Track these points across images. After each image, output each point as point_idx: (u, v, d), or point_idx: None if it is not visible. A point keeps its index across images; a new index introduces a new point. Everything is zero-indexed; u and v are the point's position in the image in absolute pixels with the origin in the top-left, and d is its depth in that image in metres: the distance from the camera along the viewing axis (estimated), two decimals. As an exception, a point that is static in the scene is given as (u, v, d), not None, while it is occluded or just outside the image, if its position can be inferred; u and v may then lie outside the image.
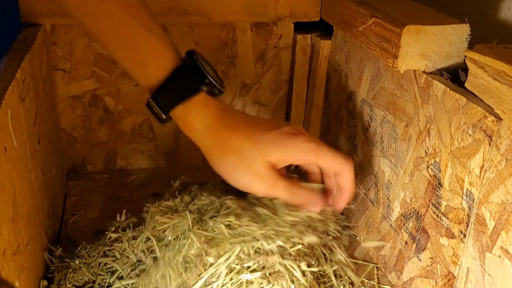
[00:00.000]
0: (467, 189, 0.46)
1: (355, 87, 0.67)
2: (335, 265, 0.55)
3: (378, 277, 0.60)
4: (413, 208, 0.55)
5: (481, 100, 0.44)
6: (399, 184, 0.57)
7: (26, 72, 0.53)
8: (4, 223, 0.41)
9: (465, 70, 0.46)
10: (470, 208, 0.46)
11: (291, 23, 0.77)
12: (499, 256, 0.43)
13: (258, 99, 0.82)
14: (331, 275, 0.53)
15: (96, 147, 0.78)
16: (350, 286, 0.56)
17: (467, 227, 0.47)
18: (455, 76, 0.52)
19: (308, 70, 0.80)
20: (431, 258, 0.52)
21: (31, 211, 0.51)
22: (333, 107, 0.75)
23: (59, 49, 0.71)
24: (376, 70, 0.61)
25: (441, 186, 0.50)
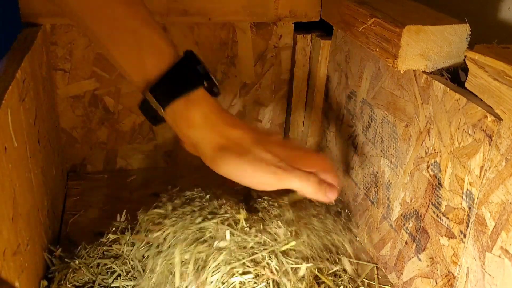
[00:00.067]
0: (467, 189, 0.46)
1: (355, 87, 0.67)
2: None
3: (378, 277, 0.60)
4: (413, 208, 0.55)
5: (481, 100, 0.44)
6: (399, 184, 0.57)
7: (26, 72, 0.53)
8: (4, 223, 0.41)
9: (465, 70, 0.46)
10: (470, 208, 0.46)
11: (291, 23, 0.77)
12: (499, 256, 0.43)
13: (258, 99, 0.81)
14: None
15: (96, 147, 0.78)
16: (350, 286, 0.56)
17: (467, 227, 0.47)
18: (455, 76, 0.52)
19: (308, 70, 0.80)
20: (431, 258, 0.52)
21: (31, 211, 0.51)
22: (333, 107, 0.75)
23: (59, 49, 0.71)
24: (376, 70, 0.61)
25: (441, 186, 0.50)
